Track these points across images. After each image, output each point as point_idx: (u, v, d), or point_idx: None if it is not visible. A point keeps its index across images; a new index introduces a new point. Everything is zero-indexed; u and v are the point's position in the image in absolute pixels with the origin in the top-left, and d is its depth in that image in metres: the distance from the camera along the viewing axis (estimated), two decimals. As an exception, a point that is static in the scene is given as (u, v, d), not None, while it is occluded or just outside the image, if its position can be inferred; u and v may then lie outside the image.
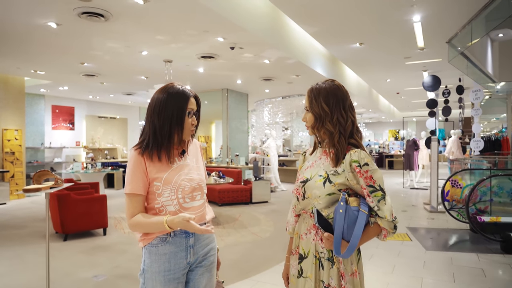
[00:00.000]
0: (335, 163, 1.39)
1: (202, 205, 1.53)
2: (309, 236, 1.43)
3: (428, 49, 7.50)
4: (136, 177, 1.41)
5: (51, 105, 11.53)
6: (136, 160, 1.42)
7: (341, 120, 1.40)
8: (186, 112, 1.44)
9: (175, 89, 1.45)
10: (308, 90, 1.47)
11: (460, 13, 5.55)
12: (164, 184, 1.42)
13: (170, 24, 4.82)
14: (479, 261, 3.92)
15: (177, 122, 1.43)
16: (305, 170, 1.50)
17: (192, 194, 1.48)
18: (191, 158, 1.56)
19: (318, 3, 5.14)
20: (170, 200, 1.43)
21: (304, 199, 1.43)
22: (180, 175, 1.47)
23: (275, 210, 7.09)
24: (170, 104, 1.42)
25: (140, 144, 1.46)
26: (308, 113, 1.46)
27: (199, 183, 1.52)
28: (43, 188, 2.60)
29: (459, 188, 5.33)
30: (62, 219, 4.70)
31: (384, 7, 5.21)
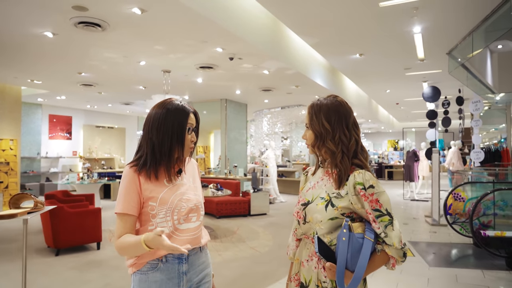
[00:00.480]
0: (338, 185, 1.29)
1: (197, 227, 1.43)
2: (310, 264, 1.32)
3: (428, 60, 7.46)
4: (129, 196, 1.32)
5: (48, 114, 11.44)
6: (131, 178, 1.34)
7: (343, 139, 1.31)
8: (186, 128, 1.37)
9: (174, 105, 1.38)
10: (309, 106, 1.39)
11: (460, 24, 5.52)
12: (160, 204, 1.33)
13: (168, 34, 4.76)
14: (484, 278, 3.79)
15: (178, 138, 1.36)
16: (307, 192, 1.40)
17: (188, 215, 1.39)
18: (188, 178, 1.48)
19: (319, 14, 5.09)
20: (165, 221, 1.34)
21: (305, 223, 1.33)
22: (176, 195, 1.38)
23: (274, 222, 6.95)
24: (170, 119, 1.35)
25: (137, 162, 1.38)
26: (308, 130, 1.37)
27: (196, 204, 1.43)
28: (19, 213, 2.37)
29: (462, 202, 5.22)
30: (54, 233, 4.57)
31: (385, 18, 5.17)
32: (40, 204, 2.55)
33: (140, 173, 1.34)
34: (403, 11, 4.90)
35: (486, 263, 4.26)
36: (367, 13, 5.01)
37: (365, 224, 1.24)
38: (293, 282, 1.41)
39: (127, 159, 13.86)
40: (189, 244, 1.26)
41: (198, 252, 1.43)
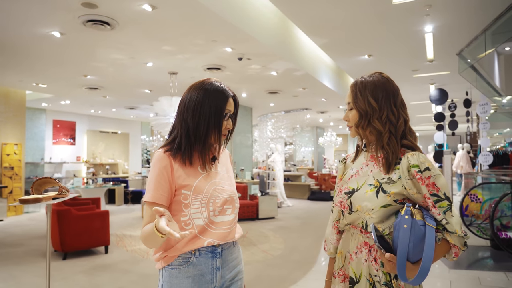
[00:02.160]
0: (387, 169, 1.19)
1: (232, 221, 1.31)
2: (360, 256, 1.21)
3: (437, 62, 7.38)
4: (159, 183, 1.21)
5: (52, 119, 11.37)
6: (162, 164, 1.22)
7: (391, 118, 1.21)
8: (224, 113, 1.26)
9: (213, 86, 1.27)
10: (352, 84, 1.29)
11: (473, 23, 5.44)
12: (195, 193, 1.23)
13: (178, 32, 4.68)
14: (508, 281, 3.65)
15: (215, 123, 1.25)
16: (349, 180, 1.29)
17: (223, 207, 1.27)
18: (221, 167, 1.37)
19: (329, 14, 5.02)
20: (200, 212, 1.22)
21: (352, 212, 1.23)
22: (211, 184, 1.27)
23: (283, 226, 6.82)
24: (208, 102, 1.25)
25: (171, 145, 1.27)
26: (352, 110, 1.27)
27: (231, 195, 1.31)
28: (44, 198, 2.23)
29: (479, 203, 5.09)
30: (62, 236, 4.44)
31: (397, 16, 5.09)
32: (65, 190, 2.40)
33: (175, 157, 1.24)
34: (416, 8, 4.82)
35: (508, 265, 4.12)
36: (380, 11, 4.93)
37: (422, 210, 1.13)
38: (338, 278, 1.29)
39: (131, 164, 13.75)
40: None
41: (231, 247, 1.32)
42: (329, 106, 11.12)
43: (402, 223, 1.06)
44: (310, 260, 4.43)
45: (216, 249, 1.25)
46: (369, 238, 1.19)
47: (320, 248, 4.90)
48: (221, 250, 1.26)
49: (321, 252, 4.76)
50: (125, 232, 6.15)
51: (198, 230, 1.22)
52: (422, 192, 1.12)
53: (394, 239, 1.09)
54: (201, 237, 1.22)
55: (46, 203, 2.28)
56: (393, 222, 1.17)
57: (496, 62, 8.41)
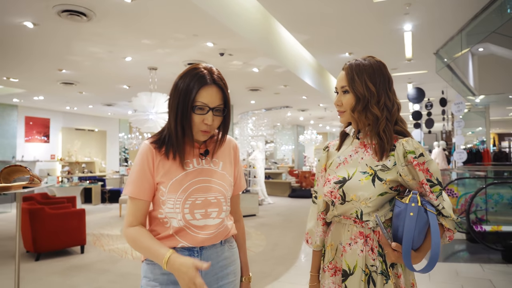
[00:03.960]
0: (381, 156, 1.16)
1: (218, 225, 1.20)
2: (355, 247, 1.17)
3: (415, 60, 7.53)
4: (140, 176, 1.15)
5: (25, 116, 10.93)
6: (144, 155, 1.16)
7: (388, 104, 1.18)
8: (190, 106, 1.12)
9: (191, 73, 1.14)
10: (346, 66, 1.23)
11: (450, 23, 5.56)
12: (169, 191, 1.14)
13: (158, 25, 4.57)
14: (484, 272, 3.75)
15: (181, 119, 1.13)
16: (337, 168, 1.24)
17: (206, 210, 1.17)
18: (217, 162, 1.25)
19: (312, 10, 5.02)
20: (174, 212, 1.14)
21: (345, 202, 1.18)
22: (193, 182, 1.16)
23: (265, 223, 6.79)
24: (177, 94, 1.14)
25: (158, 136, 1.20)
26: (346, 94, 1.21)
27: (217, 197, 1.19)
28: (13, 187, 2.04)
29: (455, 198, 5.22)
30: (35, 236, 4.26)
31: (378, 14, 5.15)
32: (37, 179, 2.21)
33: (159, 150, 1.17)
34: (396, 7, 4.88)
35: (483, 257, 4.24)
36: (360, 9, 4.96)
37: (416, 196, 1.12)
38: (328, 272, 1.24)
39: (108, 163, 13.42)
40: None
41: (217, 246, 1.22)
42: (310, 104, 11.17)
43: (409, 211, 1.03)
44: (292, 256, 4.42)
45: (194, 248, 1.17)
46: (364, 228, 1.16)
47: (302, 244, 4.90)
48: (199, 250, 1.17)
49: (303, 248, 4.77)
50: (102, 231, 5.97)
51: (173, 230, 1.15)
52: (418, 178, 1.10)
53: (396, 228, 1.07)
54: (176, 237, 1.15)
55: (15, 191, 2.10)
56: (387, 210, 1.16)
57: (470, 62, 8.67)
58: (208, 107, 1.12)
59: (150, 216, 1.22)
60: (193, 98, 1.11)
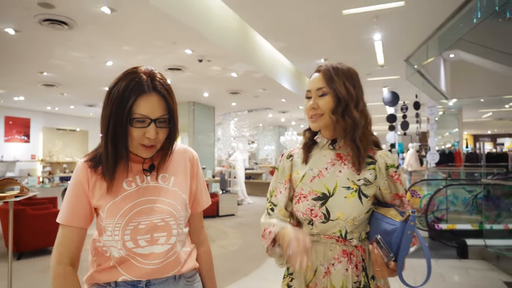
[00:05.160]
0: (358, 167, 1.11)
1: (167, 252, 1.01)
2: (339, 267, 1.10)
3: (388, 67, 7.89)
4: (73, 200, 1.00)
5: (4, 116, 10.88)
6: (79, 176, 1.01)
7: (365, 111, 1.14)
8: (125, 119, 0.94)
9: (127, 78, 0.97)
10: (322, 69, 1.16)
11: (416, 33, 5.92)
12: (107, 215, 0.98)
13: (138, 34, 4.76)
14: (437, 266, 4.10)
15: (115, 133, 0.96)
16: (311, 183, 1.14)
17: (152, 235, 0.99)
18: (167, 177, 1.08)
19: (286, 20, 5.29)
20: (113, 240, 0.97)
21: (327, 221, 1.09)
22: (135, 204, 1.00)
23: (243, 223, 7.05)
24: (109, 104, 0.96)
25: (93, 154, 1.05)
26: (324, 96, 1.12)
27: (164, 219, 1.01)
28: (7, 196, 2.47)
29: (418, 198, 5.59)
30: (16, 236, 4.40)
31: (348, 25, 5.45)
32: (26, 189, 2.64)
33: (96, 169, 1.01)
34: (365, 19, 5.20)
35: (440, 253, 4.60)
36: (331, 20, 5.26)
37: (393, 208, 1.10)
38: None
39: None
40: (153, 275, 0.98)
41: (170, 282, 1.03)
42: (290, 106, 11.48)
43: (407, 229, 0.98)
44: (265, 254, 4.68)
45: (138, 283, 1.00)
46: (347, 246, 1.11)
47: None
48: (145, 285, 1.00)
49: (276, 246, 5.04)
50: (83, 231, 6.13)
51: (115, 261, 0.99)
52: (398, 191, 1.11)
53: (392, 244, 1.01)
54: (118, 269, 0.99)
55: (9, 200, 2.50)
56: (365, 224, 1.13)
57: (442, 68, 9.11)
58: (149, 118, 0.95)
59: (93, 244, 1.07)
60: (129, 109, 0.94)
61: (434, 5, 4.87)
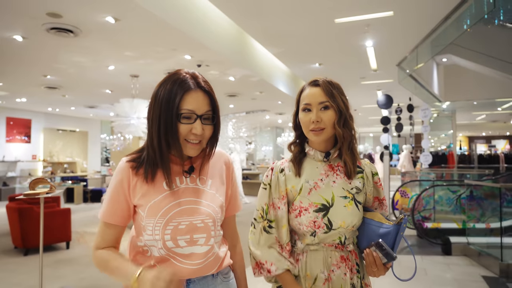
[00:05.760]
0: (350, 176, 1.20)
1: (207, 253, 1.04)
2: (338, 273, 1.16)
3: (381, 71, 8.15)
4: (113, 199, 1.04)
5: (6, 117, 11.08)
6: (119, 176, 1.04)
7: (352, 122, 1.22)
8: (174, 115, 0.98)
9: (172, 79, 1.02)
10: (320, 82, 1.21)
11: (407, 39, 6.17)
12: (148, 215, 1.00)
13: (140, 41, 4.99)
14: (422, 262, 4.36)
15: (165, 130, 0.99)
16: (309, 195, 1.18)
17: (192, 236, 1.01)
18: (205, 180, 1.10)
19: (281, 27, 5.53)
20: (153, 240, 1.00)
21: (330, 231, 1.15)
22: (175, 204, 1.02)
23: (239, 221, 7.20)
24: (158, 103, 1.00)
25: (138, 154, 1.08)
26: (327, 110, 1.17)
27: (205, 220, 1.04)
28: (40, 193, 2.99)
29: (407, 198, 5.84)
30: (23, 233, 4.63)
31: (340, 32, 5.70)
32: (54, 187, 3.13)
33: (137, 170, 1.04)
34: (356, 27, 5.45)
35: (426, 250, 4.85)
36: (325, 28, 5.51)
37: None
38: None
39: (90, 163, 13.64)
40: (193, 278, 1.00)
41: (208, 279, 1.07)
42: (286, 108, 11.72)
43: (401, 231, 1.11)
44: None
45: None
46: (344, 251, 1.18)
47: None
48: (186, 284, 1.03)
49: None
50: (85, 229, 6.35)
51: (155, 260, 1.02)
52: (380, 196, 1.23)
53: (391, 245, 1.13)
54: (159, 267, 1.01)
55: (41, 196, 2.97)
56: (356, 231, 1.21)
57: (435, 71, 9.38)
58: (195, 114, 1.00)
59: (132, 244, 1.09)
60: (177, 105, 0.98)
61: (421, 14, 5.12)
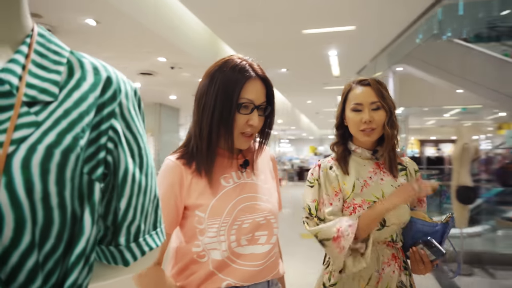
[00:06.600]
0: (396, 175, 1.22)
1: (268, 253, 0.96)
2: (387, 270, 1.17)
3: (342, 78, 8.72)
4: (164, 204, 0.86)
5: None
6: (170, 177, 0.94)
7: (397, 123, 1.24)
8: (235, 104, 0.90)
9: (229, 65, 0.94)
10: (373, 82, 1.21)
11: (368, 50, 6.74)
12: (211, 215, 0.91)
13: (118, 43, 5.12)
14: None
15: (221, 120, 0.91)
16: (361, 192, 1.18)
17: (254, 234, 0.94)
18: (259, 174, 1.03)
19: (253, 35, 5.88)
20: (218, 242, 0.90)
21: (383, 228, 1.16)
22: (238, 201, 0.94)
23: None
24: (214, 90, 0.92)
25: (184, 149, 0.99)
26: (378, 110, 1.18)
27: (267, 217, 0.97)
28: None
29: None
30: None
31: (307, 42, 6.14)
32: None
33: (189, 166, 0.95)
34: (322, 38, 5.91)
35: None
36: (293, 37, 5.92)
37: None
38: None
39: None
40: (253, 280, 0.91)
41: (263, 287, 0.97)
42: (253, 110, 12.08)
43: (448, 229, 1.15)
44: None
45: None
46: (394, 249, 1.20)
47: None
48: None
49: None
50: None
51: (214, 265, 0.91)
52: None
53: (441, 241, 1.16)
54: (218, 274, 0.91)
55: None
56: None
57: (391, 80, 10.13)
58: (253, 104, 0.92)
59: (180, 251, 0.96)
60: (238, 94, 0.90)
61: (381, 29, 5.67)
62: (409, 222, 1.18)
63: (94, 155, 0.49)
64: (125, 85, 0.57)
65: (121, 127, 0.53)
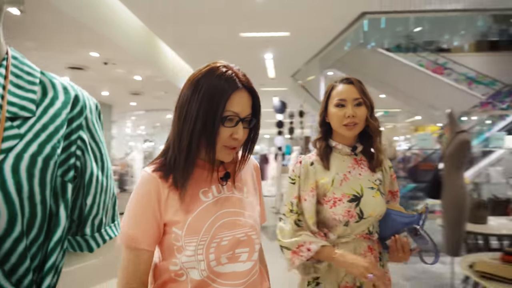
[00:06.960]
0: (374, 170, 1.27)
1: (250, 270, 0.92)
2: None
3: (277, 80, 9.08)
4: (144, 219, 0.86)
5: None
6: (147, 190, 0.88)
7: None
8: (219, 116, 0.85)
9: (214, 74, 0.88)
10: (353, 80, 1.28)
11: (301, 55, 7.11)
12: (188, 233, 0.86)
13: (42, 33, 4.78)
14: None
15: (203, 131, 0.85)
16: (340, 186, 1.23)
17: (234, 251, 0.89)
18: (240, 187, 0.98)
19: (190, 34, 5.86)
20: (196, 261, 0.85)
21: (360, 220, 1.20)
22: (216, 217, 0.89)
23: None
24: (198, 99, 0.86)
25: (161, 161, 0.92)
26: (360, 106, 1.24)
27: (248, 233, 0.91)
28: None
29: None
30: None
31: (244, 45, 6.32)
32: None
33: (166, 179, 0.88)
34: (258, 41, 6.11)
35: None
36: (231, 39, 6.04)
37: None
38: None
39: None
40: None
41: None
42: (189, 108, 11.96)
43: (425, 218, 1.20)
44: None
45: None
46: (370, 241, 1.24)
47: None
48: None
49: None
50: None
51: (193, 285, 0.86)
52: (393, 188, 1.32)
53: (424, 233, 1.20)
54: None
55: None
56: None
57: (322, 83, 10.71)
58: (238, 117, 0.87)
59: (158, 268, 0.92)
60: (223, 106, 0.85)
61: (313, 36, 6.03)
62: (386, 214, 1.24)
63: (66, 160, 0.60)
64: (89, 101, 0.68)
65: (87, 137, 0.65)
